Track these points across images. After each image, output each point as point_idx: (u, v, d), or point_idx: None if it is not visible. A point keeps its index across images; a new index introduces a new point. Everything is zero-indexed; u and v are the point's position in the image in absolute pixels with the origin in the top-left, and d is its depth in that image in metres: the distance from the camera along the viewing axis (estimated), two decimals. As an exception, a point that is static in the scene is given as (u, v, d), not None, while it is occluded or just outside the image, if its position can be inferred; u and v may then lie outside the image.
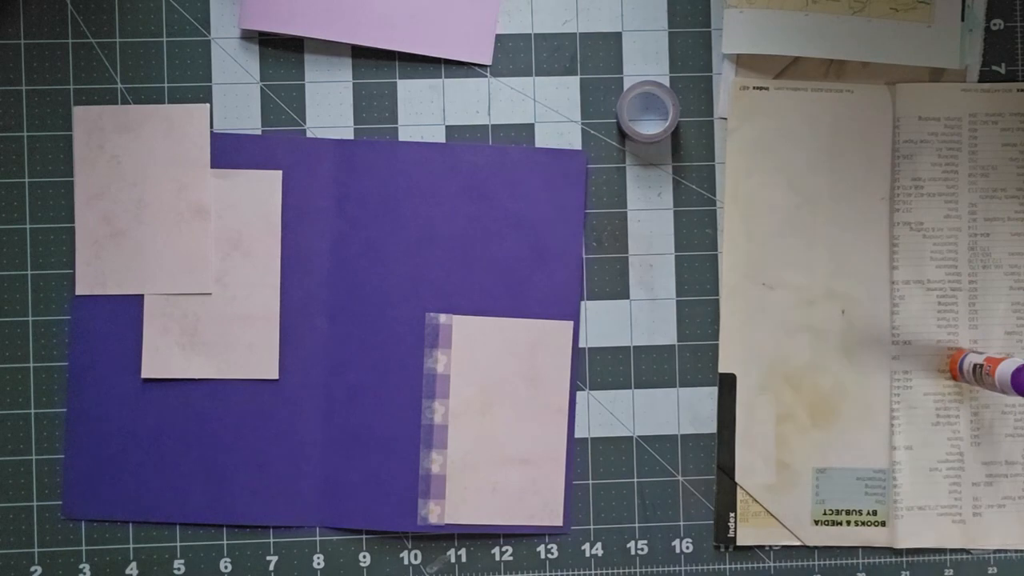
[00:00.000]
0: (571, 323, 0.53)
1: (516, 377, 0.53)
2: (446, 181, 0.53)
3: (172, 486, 0.52)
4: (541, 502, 0.53)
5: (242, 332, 0.52)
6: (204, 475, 0.52)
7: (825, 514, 0.54)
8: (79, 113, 0.52)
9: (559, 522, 0.53)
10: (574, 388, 0.54)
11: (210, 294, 0.52)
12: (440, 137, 0.54)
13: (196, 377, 0.52)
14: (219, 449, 0.52)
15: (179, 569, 0.53)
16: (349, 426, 0.53)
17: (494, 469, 0.53)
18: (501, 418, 0.53)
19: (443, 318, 0.53)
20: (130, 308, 0.52)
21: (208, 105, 0.52)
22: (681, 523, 0.54)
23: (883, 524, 0.54)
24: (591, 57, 0.54)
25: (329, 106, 0.53)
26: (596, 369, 0.54)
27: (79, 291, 0.52)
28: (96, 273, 0.52)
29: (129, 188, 0.52)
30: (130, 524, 0.52)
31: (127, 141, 0.52)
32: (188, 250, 0.52)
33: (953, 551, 0.55)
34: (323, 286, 0.53)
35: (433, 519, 0.53)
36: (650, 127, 0.54)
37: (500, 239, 0.53)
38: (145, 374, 0.52)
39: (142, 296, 0.52)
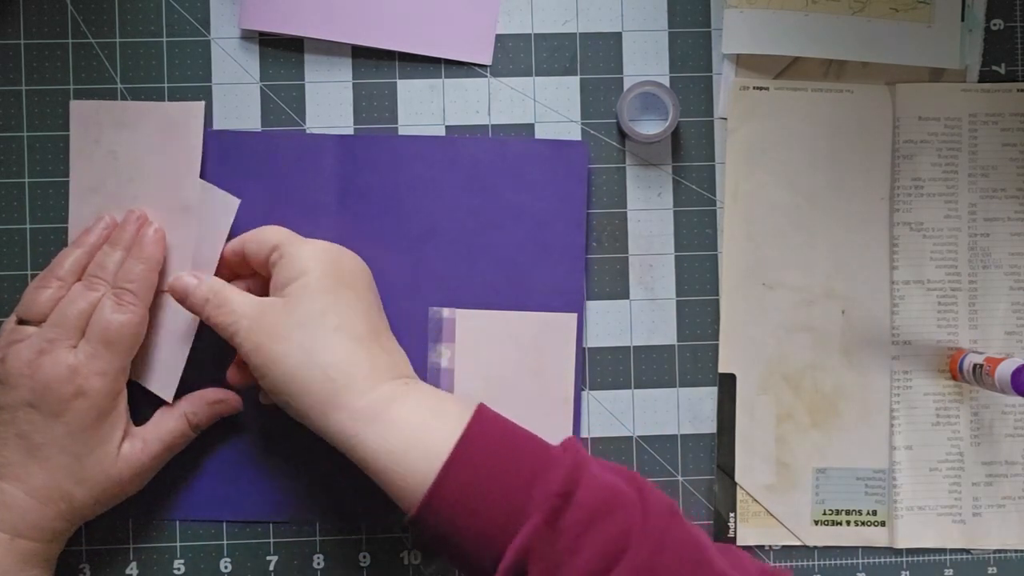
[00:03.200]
0: (575, 315, 0.53)
1: (521, 370, 0.53)
2: (447, 174, 0.53)
3: (175, 484, 0.52)
4: None
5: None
6: (209, 472, 0.52)
7: (825, 514, 0.54)
8: (76, 107, 0.52)
9: None
10: (579, 379, 0.54)
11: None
12: (440, 137, 0.54)
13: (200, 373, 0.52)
14: (224, 445, 0.52)
15: (179, 569, 0.53)
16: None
17: None
18: (507, 411, 0.53)
19: (446, 312, 0.53)
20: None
21: (203, 103, 0.52)
22: (681, 523, 0.54)
23: (883, 524, 0.54)
24: (591, 57, 0.54)
25: (329, 106, 0.53)
26: (596, 369, 0.54)
27: None
28: None
29: (125, 184, 0.52)
30: (130, 524, 0.52)
31: (124, 137, 0.52)
32: (179, 247, 0.52)
33: (953, 551, 0.55)
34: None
35: None
36: (650, 127, 0.54)
37: (502, 232, 0.53)
38: None
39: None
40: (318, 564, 0.53)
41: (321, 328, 0.44)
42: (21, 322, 0.48)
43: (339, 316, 0.44)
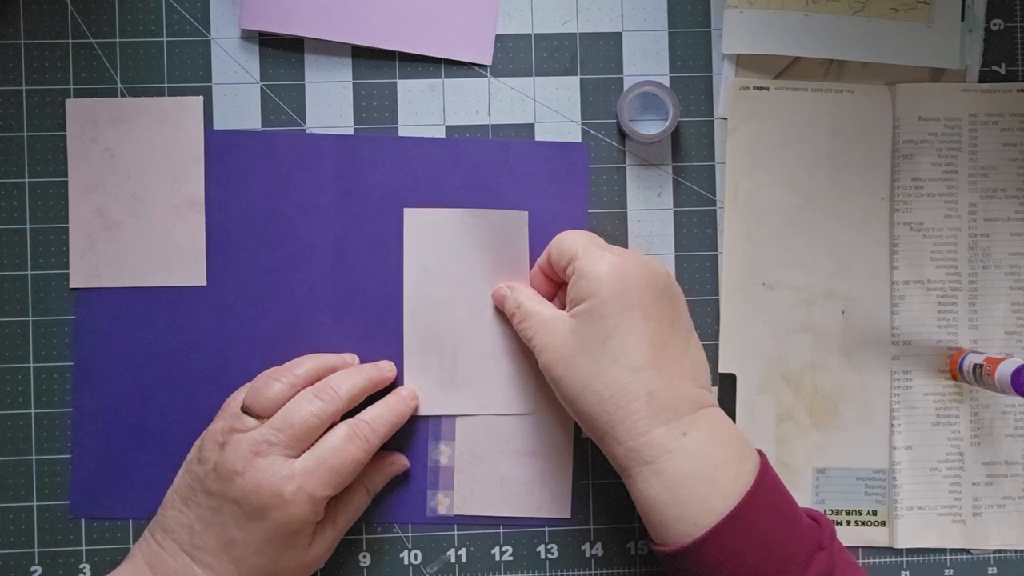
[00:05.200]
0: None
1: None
2: (449, 176, 0.53)
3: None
4: (549, 493, 0.53)
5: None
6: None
7: (825, 514, 0.54)
8: (72, 106, 0.52)
9: (567, 513, 0.53)
10: None
11: (204, 285, 0.52)
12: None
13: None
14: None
15: (179, 569, 0.53)
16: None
17: (502, 461, 0.53)
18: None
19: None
20: (134, 305, 0.52)
21: (201, 98, 0.52)
22: (681, 523, 0.54)
23: (883, 524, 0.54)
24: (591, 57, 0.54)
25: (329, 106, 0.53)
26: (596, 369, 0.54)
27: (73, 284, 0.52)
28: (90, 266, 0.52)
29: (123, 181, 0.52)
30: (130, 524, 0.52)
31: (120, 134, 0.52)
32: (183, 243, 0.52)
33: (953, 551, 0.55)
34: (327, 282, 0.53)
35: (442, 510, 0.53)
36: (650, 127, 0.54)
37: (502, 236, 0.53)
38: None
39: (144, 291, 0.52)
40: (318, 564, 0.53)
41: (600, 359, 0.44)
42: (245, 411, 0.47)
43: (619, 345, 0.44)
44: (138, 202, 0.52)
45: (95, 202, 0.52)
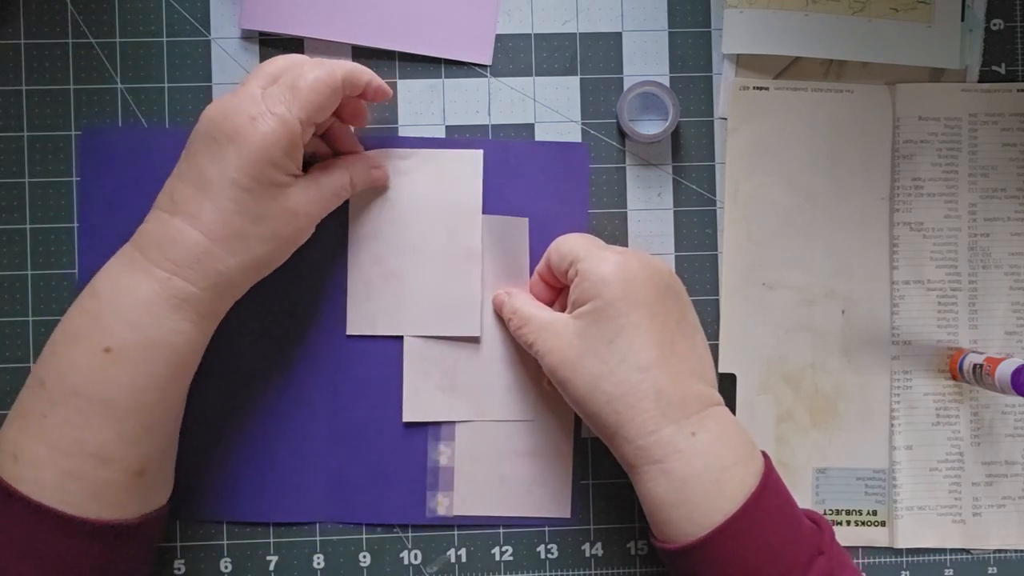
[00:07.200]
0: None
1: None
2: None
3: (178, 483, 0.52)
4: (549, 493, 0.53)
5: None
6: (210, 472, 0.52)
7: (825, 514, 0.54)
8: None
9: (567, 513, 0.53)
10: None
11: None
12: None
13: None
14: (224, 446, 0.52)
15: (179, 569, 0.53)
16: (356, 420, 0.53)
17: (502, 461, 0.53)
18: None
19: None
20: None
21: (481, 151, 0.53)
22: (681, 523, 0.54)
23: (883, 524, 0.54)
24: (591, 57, 0.54)
25: (329, 106, 0.53)
26: (596, 369, 0.54)
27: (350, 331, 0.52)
28: (366, 314, 0.52)
29: (403, 231, 0.53)
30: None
31: (403, 184, 0.52)
32: (466, 291, 0.52)
33: (953, 551, 0.55)
34: (328, 280, 0.53)
35: (442, 511, 0.53)
36: (650, 127, 0.54)
37: (502, 236, 0.53)
38: None
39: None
40: (318, 564, 0.53)
41: (608, 360, 0.44)
42: None
43: (626, 345, 0.44)
44: (419, 251, 0.52)
45: (373, 250, 0.52)
